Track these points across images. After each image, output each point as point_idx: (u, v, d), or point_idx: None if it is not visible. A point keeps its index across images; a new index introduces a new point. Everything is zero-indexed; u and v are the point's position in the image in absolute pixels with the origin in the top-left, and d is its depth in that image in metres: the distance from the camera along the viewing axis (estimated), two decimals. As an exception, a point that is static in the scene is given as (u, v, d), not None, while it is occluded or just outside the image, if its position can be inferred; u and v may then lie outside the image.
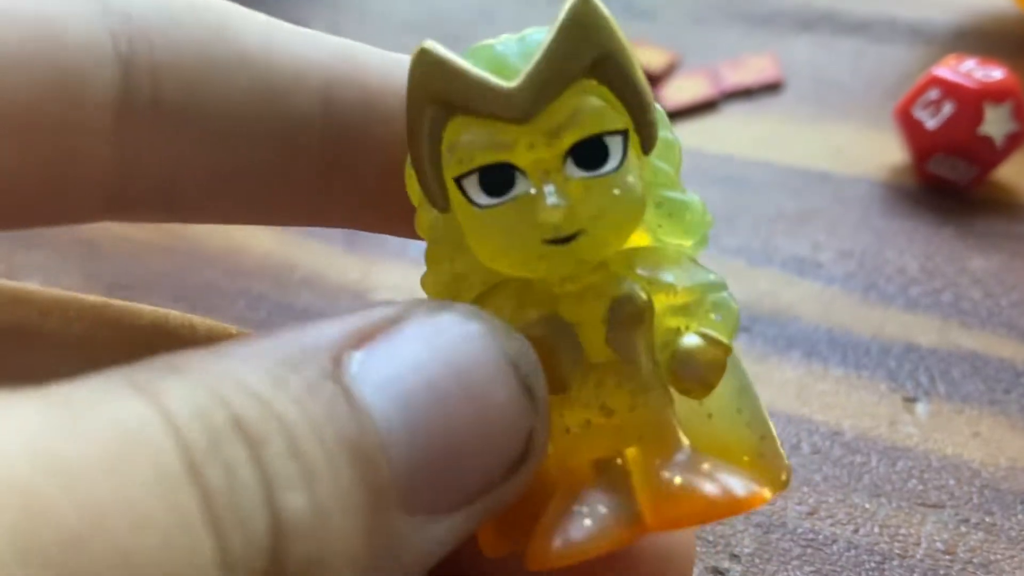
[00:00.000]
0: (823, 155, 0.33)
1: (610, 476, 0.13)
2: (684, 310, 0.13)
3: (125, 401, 0.09)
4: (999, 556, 0.21)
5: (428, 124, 0.13)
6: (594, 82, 0.13)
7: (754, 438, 0.13)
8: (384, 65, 0.15)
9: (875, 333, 0.26)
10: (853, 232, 0.29)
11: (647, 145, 0.13)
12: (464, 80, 0.12)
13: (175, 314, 0.17)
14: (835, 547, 0.21)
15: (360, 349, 0.11)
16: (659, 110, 0.13)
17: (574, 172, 0.12)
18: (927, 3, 0.39)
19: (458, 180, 0.13)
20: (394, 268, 0.29)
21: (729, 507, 0.13)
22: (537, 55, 0.12)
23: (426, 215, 0.14)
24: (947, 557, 0.21)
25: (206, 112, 0.14)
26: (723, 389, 0.13)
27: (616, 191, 0.12)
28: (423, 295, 0.14)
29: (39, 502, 0.08)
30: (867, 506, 0.22)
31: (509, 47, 0.13)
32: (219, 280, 0.29)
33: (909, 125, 0.31)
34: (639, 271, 0.13)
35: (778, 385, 0.25)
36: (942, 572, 0.20)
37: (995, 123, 0.29)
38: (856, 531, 0.21)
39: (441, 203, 0.13)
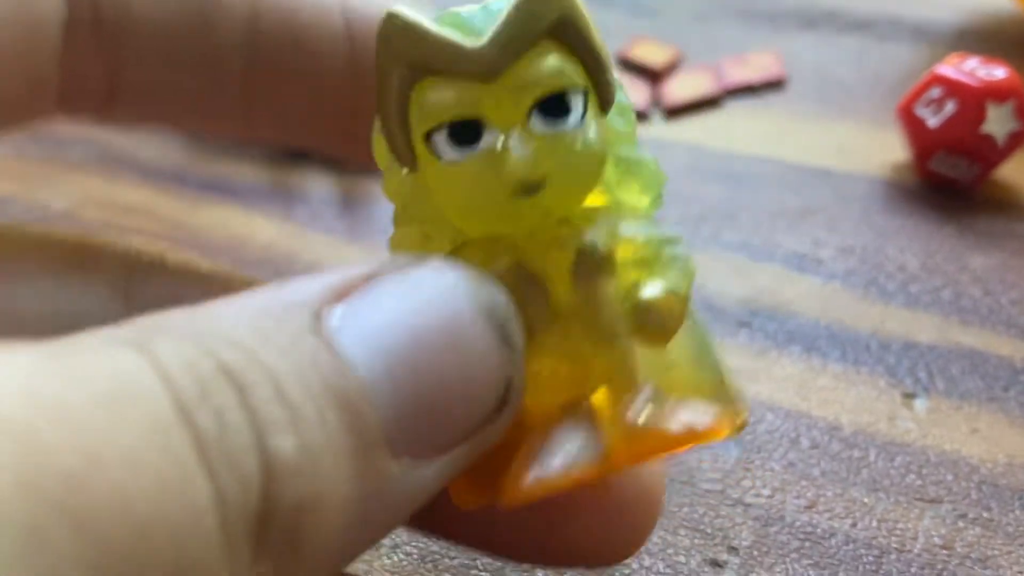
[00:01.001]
0: (825, 152, 0.33)
1: (577, 417, 0.13)
2: (643, 263, 0.14)
3: (117, 351, 0.10)
4: (996, 551, 0.21)
5: (397, 85, 0.13)
6: (555, 43, 0.13)
7: (712, 385, 0.14)
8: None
9: (875, 329, 0.26)
10: (854, 229, 0.30)
11: (606, 103, 0.14)
12: (432, 41, 0.13)
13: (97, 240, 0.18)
14: (833, 541, 0.21)
15: (340, 304, 0.11)
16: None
17: (539, 127, 0.13)
18: (930, 2, 0.39)
19: (428, 136, 0.13)
20: (396, 260, 0.29)
21: (688, 439, 0.13)
22: (501, 16, 0.13)
23: (393, 178, 0.14)
24: (944, 552, 0.21)
25: (137, 32, 0.16)
26: (682, 340, 0.14)
27: (578, 145, 0.13)
28: None
29: (38, 441, 0.08)
30: (865, 500, 0.22)
31: (474, 13, 0.14)
32: (221, 270, 0.29)
33: (911, 123, 0.31)
34: (600, 224, 0.14)
35: (778, 380, 0.25)
36: (939, 567, 0.20)
37: (997, 122, 0.29)
38: (854, 525, 0.21)
39: (410, 162, 0.14)
